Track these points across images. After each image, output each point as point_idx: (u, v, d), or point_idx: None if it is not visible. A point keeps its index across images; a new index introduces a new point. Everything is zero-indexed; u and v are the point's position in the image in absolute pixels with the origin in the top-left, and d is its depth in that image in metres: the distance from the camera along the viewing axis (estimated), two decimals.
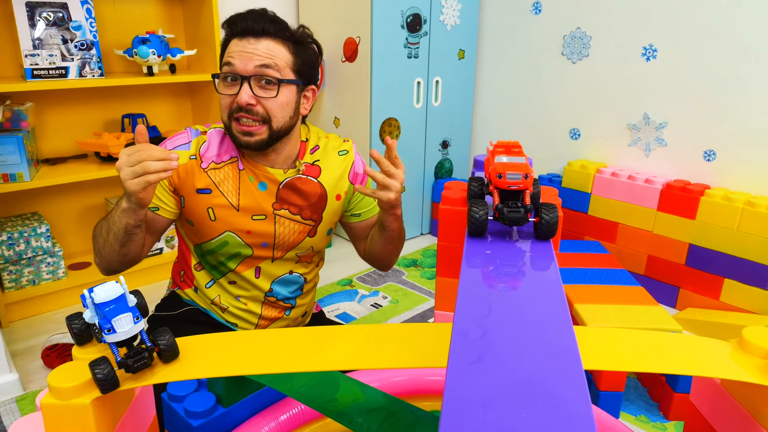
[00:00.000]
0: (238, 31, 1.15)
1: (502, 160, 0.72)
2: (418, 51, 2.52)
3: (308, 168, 1.28)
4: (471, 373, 0.53)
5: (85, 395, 0.73)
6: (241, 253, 1.27)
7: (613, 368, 0.78)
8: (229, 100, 1.16)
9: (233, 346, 0.83)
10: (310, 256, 1.36)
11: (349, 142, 1.36)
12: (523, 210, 0.70)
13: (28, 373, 1.69)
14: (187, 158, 1.20)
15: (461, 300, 0.68)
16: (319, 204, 1.30)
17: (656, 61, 2.18)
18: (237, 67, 1.14)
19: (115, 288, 0.73)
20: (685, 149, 2.17)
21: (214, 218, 1.22)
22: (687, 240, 2.04)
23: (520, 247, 0.73)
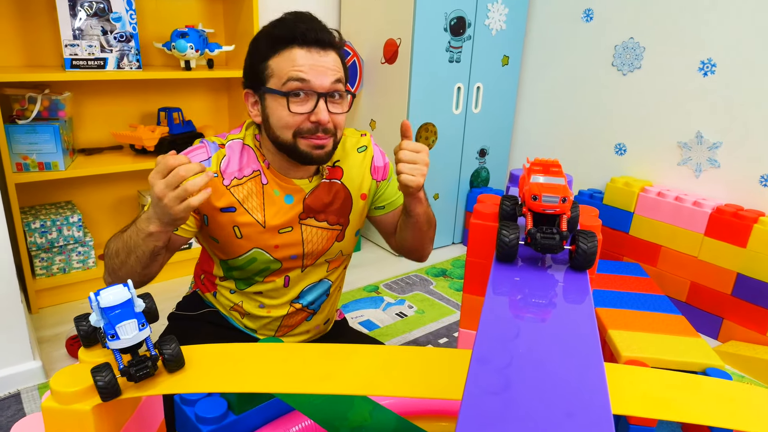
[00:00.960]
0: (306, 40, 1.06)
1: (538, 180, 0.66)
2: (461, 55, 2.45)
3: (331, 171, 1.23)
4: (486, 411, 0.48)
5: (87, 401, 0.70)
6: (270, 267, 1.23)
7: (650, 415, 0.71)
8: (300, 118, 1.08)
9: (241, 360, 0.79)
10: (340, 260, 1.32)
11: (367, 136, 1.30)
12: (558, 237, 0.64)
13: (52, 361, 1.70)
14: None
15: (483, 329, 0.62)
16: (344, 207, 1.25)
17: (714, 76, 2.05)
18: (312, 83, 1.06)
19: (122, 292, 0.70)
20: (739, 172, 2.04)
21: (240, 236, 1.17)
22: (735, 269, 1.91)
23: (552, 276, 0.66)
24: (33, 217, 1.92)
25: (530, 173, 0.68)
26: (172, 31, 2.06)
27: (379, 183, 1.30)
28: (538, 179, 0.66)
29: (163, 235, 1.02)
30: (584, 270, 0.67)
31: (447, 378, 0.73)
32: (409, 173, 1.09)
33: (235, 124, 2.42)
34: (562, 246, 0.65)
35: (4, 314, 1.49)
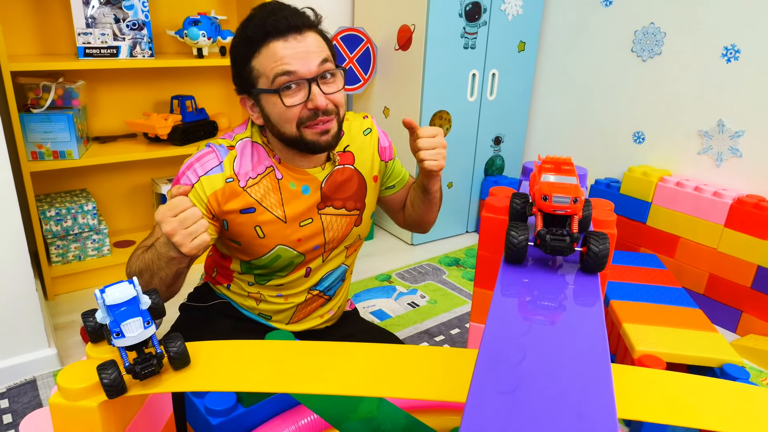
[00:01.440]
0: (280, 30, 1.04)
1: (549, 180, 0.64)
2: (476, 41, 2.41)
3: (342, 157, 1.23)
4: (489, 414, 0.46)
5: (93, 397, 0.71)
6: (294, 262, 1.22)
7: (662, 421, 0.69)
8: (298, 109, 1.07)
9: (248, 358, 0.79)
10: (358, 244, 1.34)
11: (369, 118, 1.32)
12: (568, 239, 0.62)
13: (67, 348, 1.72)
14: (223, 182, 1.11)
15: (489, 332, 0.60)
16: (360, 191, 1.26)
17: (738, 63, 1.99)
18: (300, 72, 1.05)
19: (127, 289, 0.70)
20: (762, 162, 1.98)
21: (263, 235, 1.16)
22: (755, 261, 1.87)
23: (562, 278, 0.64)
24: (48, 205, 1.94)
25: (541, 171, 0.66)
26: (184, 18, 2.05)
27: (387, 163, 1.32)
28: (548, 178, 0.64)
29: (186, 259, 1.01)
30: (595, 273, 0.65)
31: (454, 379, 0.72)
32: (432, 158, 1.14)
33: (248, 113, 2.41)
34: (573, 248, 0.63)
35: (20, 302, 1.51)
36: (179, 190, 0.97)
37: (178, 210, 0.93)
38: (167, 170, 2.28)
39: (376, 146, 1.29)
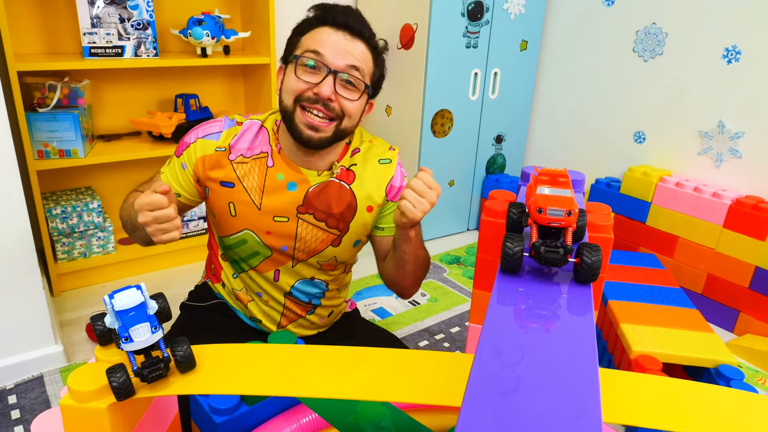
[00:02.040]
0: (336, 23, 1.10)
1: (544, 192, 0.65)
2: (478, 41, 2.42)
3: (343, 172, 1.21)
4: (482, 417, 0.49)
5: (102, 399, 0.73)
6: (259, 253, 1.24)
7: (654, 426, 0.71)
8: (304, 86, 1.09)
9: (251, 362, 0.81)
10: (333, 265, 1.29)
11: (395, 150, 1.27)
12: (562, 251, 0.64)
13: (74, 344, 1.75)
14: (213, 149, 1.17)
15: (485, 337, 0.62)
16: (346, 213, 1.22)
17: (738, 64, 2.00)
18: (327, 58, 1.08)
19: (135, 295, 0.72)
20: (762, 163, 1.99)
21: (234, 214, 1.19)
22: (753, 262, 1.88)
23: (556, 288, 0.67)
24: (54, 203, 1.97)
25: (537, 183, 0.68)
26: (188, 17, 2.06)
27: (389, 203, 1.26)
28: (544, 191, 0.66)
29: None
30: (588, 283, 0.67)
31: (452, 383, 0.75)
32: (412, 202, 1.06)
33: (252, 110, 2.43)
34: (566, 260, 0.65)
35: (27, 299, 1.54)
36: (161, 188, 0.99)
37: (154, 207, 0.98)
38: None
39: (387, 180, 1.23)
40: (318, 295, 1.32)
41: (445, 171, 2.57)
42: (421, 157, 2.46)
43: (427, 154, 2.47)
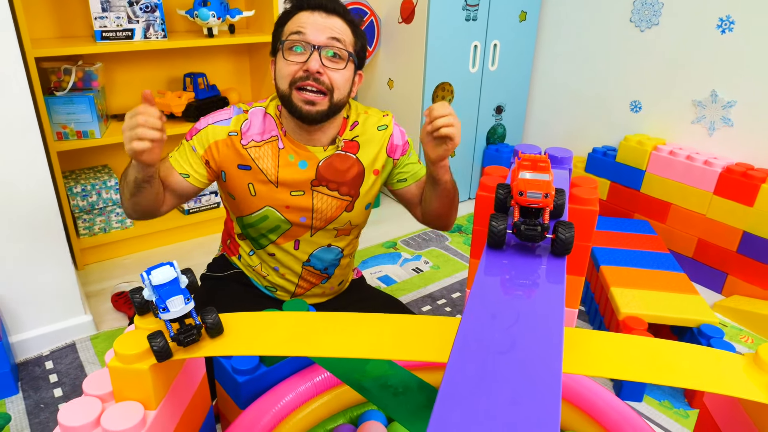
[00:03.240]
0: (311, 5, 1.20)
1: (525, 177, 0.75)
2: (477, 13, 2.46)
3: (347, 144, 1.32)
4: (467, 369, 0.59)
5: (144, 361, 0.84)
6: (280, 227, 1.34)
7: (615, 376, 0.82)
8: (295, 67, 1.18)
9: (272, 327, 0.92)
10: (348, 230, 1.42)
11: (389, 116, 1.38)
12: (539, 228, 0.73)
13: (101, 314, 1.88)
14: (226, 134, 1.26)
15: (471, 303, 0.72)
16: (356, 180, 1.34)
17: (732, 34, 2.04)
18: (308, 36, 1.18)
19: (169, 271, 0.83)
20: (752, 131, 2.06)
21: (254, 193, 1.30)
22: (741, 227, 1.97)
23: (536, 260, 0.76)
24: (74, 182, 2.07)
25: (519, 169, 0.77)
26: None
27: (398, 159, 1.38)
28: (525, 175, 0.75)
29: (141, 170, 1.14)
30: (563, 256, 0.76)
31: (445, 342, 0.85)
32: (448, 124, 1.12)
33: (257, 87, 2.50)
34: (544, 236, 0.74)
35: (58, 273, 1.65)
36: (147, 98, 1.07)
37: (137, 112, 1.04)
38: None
39: (386, 143, 1.35)
40: (333, 262, 1.43)
41: None
42: None
43: None
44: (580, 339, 0.81)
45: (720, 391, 0.79)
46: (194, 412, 1.02)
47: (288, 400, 1.15)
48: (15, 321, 1.63)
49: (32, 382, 1.58)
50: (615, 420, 1.10)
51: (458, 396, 0.56)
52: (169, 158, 1.31)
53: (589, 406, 1.14)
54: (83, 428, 0.82)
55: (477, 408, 0.54)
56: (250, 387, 1.15)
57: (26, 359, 1.66)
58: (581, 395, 1.16)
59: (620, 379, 0.85)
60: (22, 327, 1.65)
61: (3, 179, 1.48)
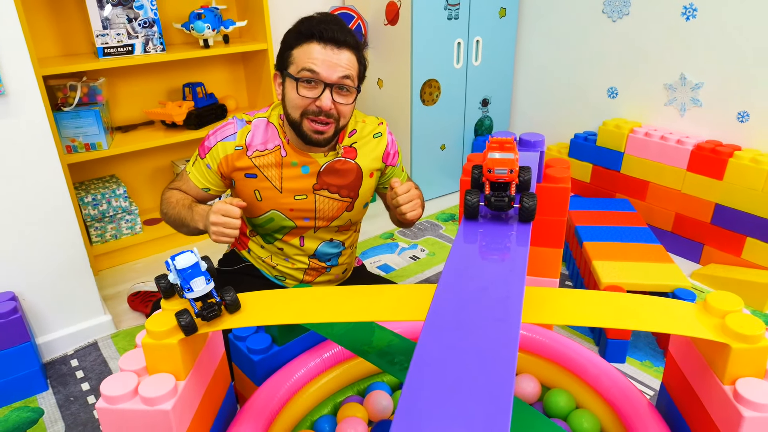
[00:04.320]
0: (323, 38, 1.25)
1: (494, 156, 0.87)
2: (458, 12, 2.58)
3: (346, 151, 1.44)
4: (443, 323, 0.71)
5: (173, 337, 0.96)
6: (286, 227, 1.47)
7: (585, 324, 0.94)
8: (307, 101, 1.29)
9: (281, 302, 1.04)
10: (348, 226, 1.54)
11: (384, 124, 1.51)
12: (506, 199, 0.86)
13: (118, 315, 2.00)
14: (233, 149, 1.38)
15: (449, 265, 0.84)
16: (355, 183, 1.46)
17: (696, 20, 2.17)
18: (322, 75, 1.26)
19: (191, 257, 0.95)
20: (719, 110, 2.19)
21: (260, 199, 1.42)
22: (713, 200, 2.11)
23: (507, 227, 0.88)
24: (84, 192, 2.19)
25: (489, 150, 0.89)
26: (189, 10, 2.24)
27: (388, 167, 1.52)
28: (494, 155, 0.88)
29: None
30: (528, 222, 0.89)
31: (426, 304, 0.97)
32: (411, 210, 1.35)
33: (253, 93, 2.62)
34: (511, 206, 0.87)
35: (79, 278, 1.78)
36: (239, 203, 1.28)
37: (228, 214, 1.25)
38: (184, 152, 2.52)
39: (382, 150, 1.48)
40: (336, 254, 1.56)
41: (436, 136, 2.78)
42: (412, 125, 2.66)
43: (418, 122, 2.67)
44: (548, 295, 0.94)
45: (675, 332, 0.92)
46: (217, 385, 1.14)
47: (300, 375, 1.27)
48: (40, 324, 1.75)
49: (60, 378, 1.70)
50: (600, 378, 1.22)
51: (434, 342, 0.68)
52: (189, 175, 1.44)
53: (577, 367, 1.26)
54: (123, 397, 0.94)
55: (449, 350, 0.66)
56: (265, 365, 1.26)
57: (52, 359, 1.78)
58: (569, 357, 1.28)
59: (582, 325, 0.96)
60: (48, 329, 1.77)
61: (26, 194, 1.60)
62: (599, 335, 1.77)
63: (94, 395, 1.63)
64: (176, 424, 0.95)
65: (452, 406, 0.56)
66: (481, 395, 0.58)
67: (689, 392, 1.03)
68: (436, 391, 0.59)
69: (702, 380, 1.00)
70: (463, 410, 0.55)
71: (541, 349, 1.30)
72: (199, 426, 1.03)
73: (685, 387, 1.05)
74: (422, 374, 0.62)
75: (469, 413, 0.55)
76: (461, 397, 0.58)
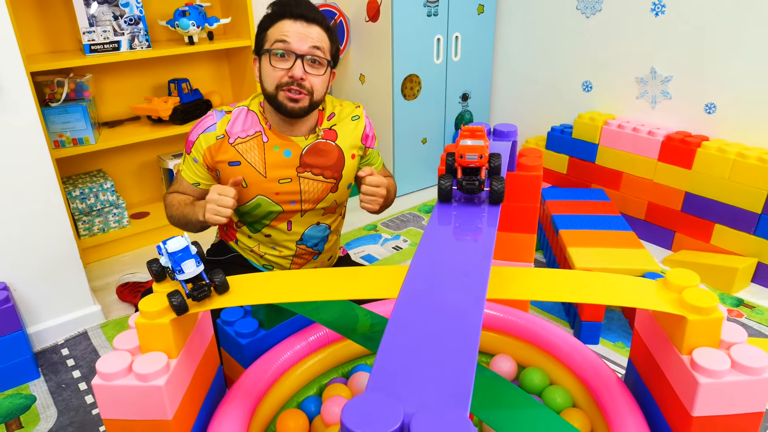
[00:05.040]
0: (294, 15, 1.35)
1: (466, 143, 0.94)
2: (438, 9, 2.65)
3: (326, 133, 1.50)
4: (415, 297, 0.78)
5: (165, 317, 1.01)
6: (273, 211, 1.52)
7: (554, 299, 1.01)
8: (280, 73, 1.35)
9: (266, 284, 1.10)
10: (334, 208, 1.60)
11: (360, 108, 1.57)
12: (477, 182, 0.93)
13: (107, 305, 2.04)
14: (215, 139, 1.43)
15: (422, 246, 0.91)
16: (338, 164, 1.52)
17: (664, 16, 2.26)
18: (292, 45, 1.34)
19: (181, 241, 1.00)
20: (687, 102, 2.29)
21: (246, 185, 1.47)
22: (683, 188, 2.20)
23: (479, 209, 0.95)
24: (72, 186, 2.22)
25: (461, 137, 0.96)
26: (173, 8, 2.28)
27: (368, 149, 1.58)
28: (466, 142, 0.94)
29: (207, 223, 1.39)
30: (498, 204, 0.96)
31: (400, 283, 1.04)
32: (368, 203, 1.43)
33: (237, 88, 2.66)
34: (481, 189, 0.94)
35: (69, 269, 1.82)
36: (235, 181, 1.35)
37: (222, 192, 1.31)
38: (170, 147, 2.56)
39: (360, 131, 1.54)
40: (323, 238, 1.62)
41: (418, 130, 2.84)
42: (394, 120, 2.73)
43: (399, 116, 2.73)
44: (519, 274, 1.01)
45: (637, 306, 1.00)
46: (207, 365, 1.19)
47: (286, 357, 1.32)
48: (31, 314, 1.79)
49: (51, 367, 1.74)
50: (572, 356, 1.29)
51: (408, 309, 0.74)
52: (181, 173, 1.50)
53: (550, 345, 1.32)
54: (118, 374, 0.99)
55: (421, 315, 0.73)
56: (252, 348, 1.31)
57: (43, 348, 1.82)
58: (543, 337, 1.34)
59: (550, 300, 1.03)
60: (39, 319, 1.81)
61: (18, 187, 1.64)
62: (574, 318, 1.85)
63: (85, 382, 1.67)
64: (168, 399, 1.00)
65: (423, 363, 0.63)
66: (449, 353, 0.64)
67: (653, 364, 1.10)
68: (408, 351, 0.66)
69: (663, 352, 1.07)
70: (433, 366, 0.62)
71: (517, 330, 1.37)
72: (190, 402, 1.09)
73: (649, 360, 1.12)
74: (396, 336, 0.69)
75: (438, 368, 0.61)
76: (431, 355, 0.64)
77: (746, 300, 2.00)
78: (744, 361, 0.96)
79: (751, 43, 2.06)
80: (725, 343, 1.01)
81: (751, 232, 2.04)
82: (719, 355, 0.97)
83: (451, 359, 0.62)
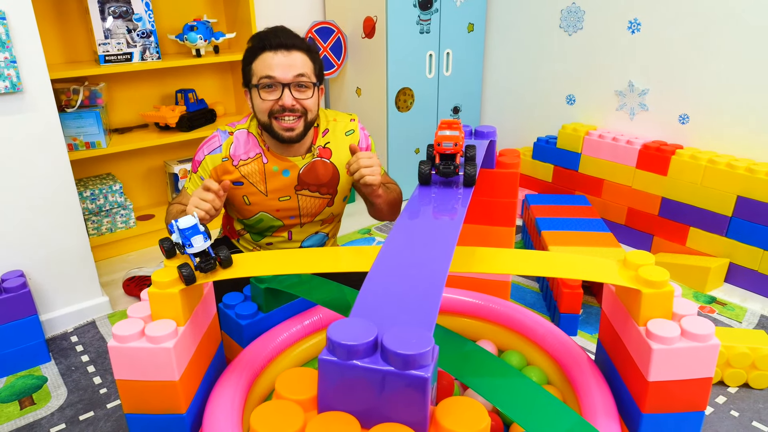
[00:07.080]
0: (272, 46, 1.40)
1: (444, 134, 1.07)
2: (430, 27, 2.82)
3: (321, 151, 1.58)
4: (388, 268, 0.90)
5: (176, 287, 1.13)
6: (274, 225, 1.62)
7: (524, 272, 1.14)
8: (270, 103, 1.42)
9: (266, 260, 1.23)
10: (331, 219, 1.70)
11: (355, 120, 1.64)
12: (452, 167, 1.06)
13: (114, 298, 2.16)
14: (220, 160, 1.52)
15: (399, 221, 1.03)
16: (333, 181, 1.60)
17: (640, 33, 2.43)
18: (278, 77, 1.39)
19: (191, 219, 1.13)
20: (663, 113, 2.44)
21: (249, 203, 1.57)
22: (660, 194, 2.33)
23: (455, 191, 1.08)
24: (83, 188, 2.36)
25: (440, 129, 1.10)
26: (183, 23, 2.44)
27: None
28: (444, 133, 1.08)
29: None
30: (471, 186, 1.09)
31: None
32: (371, 174, 1.40)
33: (240, 99, 2.82)
34: (456, 173, 1.07)
35: (80, 261, 1.94)
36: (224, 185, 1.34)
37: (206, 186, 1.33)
38: (177, 154, 2.70)
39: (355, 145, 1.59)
40: (321, 243, 1.71)
41: (411, 141, 2.99)
42: (389, 131, 2.87)
43: (393, 128, 2.88)
44: (493, 252, 1.13)
45: (598, 280, 1.12)
46: (210, 337, 1.31)
47: (283, 338, 1.42)
48: (44, 302, 1.91)
49: (61, 352, 1.85)
50: (546, 338, 1.40)
51: (385, 266, 0.87)
52: (187, 190, 1.56)
53: (526, 329, 1.43)
54: (132, 337, 1.11)
55: (398, 263, 0.85)
56: (251, 329, 1.41)
57: (54, 335, 1.93)
58: (520, 321, 1.45)
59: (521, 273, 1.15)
60: (50, 307, 1.93)
61: (37, 183, 1.77)
62: (554, 312, 1.97)
63: (93, 366, 1.78)
64: (176, 360, 1.11)
65: (397, 298, 0.75)
66: (419, 289, 0.77)
67: (616, 338, 1.21)
68: (386, 289, 0.78)
69: (623, 325, 1.19)
70: (404, 300, 0.74)
71: (497, 317, 1.48)
72: (195, 366, 1.20)
73: (613, 335, 1.24)
74: (377, 278, 0.81)
75: (409, 301, 0.73)
76: (404, 292, 0.77)
77: (719, 298, 2.11)
78: (692, 329, 1.08)
79: (720, 58, 2.22)
80: (677, 315, 1.13)
81: (722, 234, 2.17)
82: (671, 325, 1.09)
83: (419, 294, 0.74)
